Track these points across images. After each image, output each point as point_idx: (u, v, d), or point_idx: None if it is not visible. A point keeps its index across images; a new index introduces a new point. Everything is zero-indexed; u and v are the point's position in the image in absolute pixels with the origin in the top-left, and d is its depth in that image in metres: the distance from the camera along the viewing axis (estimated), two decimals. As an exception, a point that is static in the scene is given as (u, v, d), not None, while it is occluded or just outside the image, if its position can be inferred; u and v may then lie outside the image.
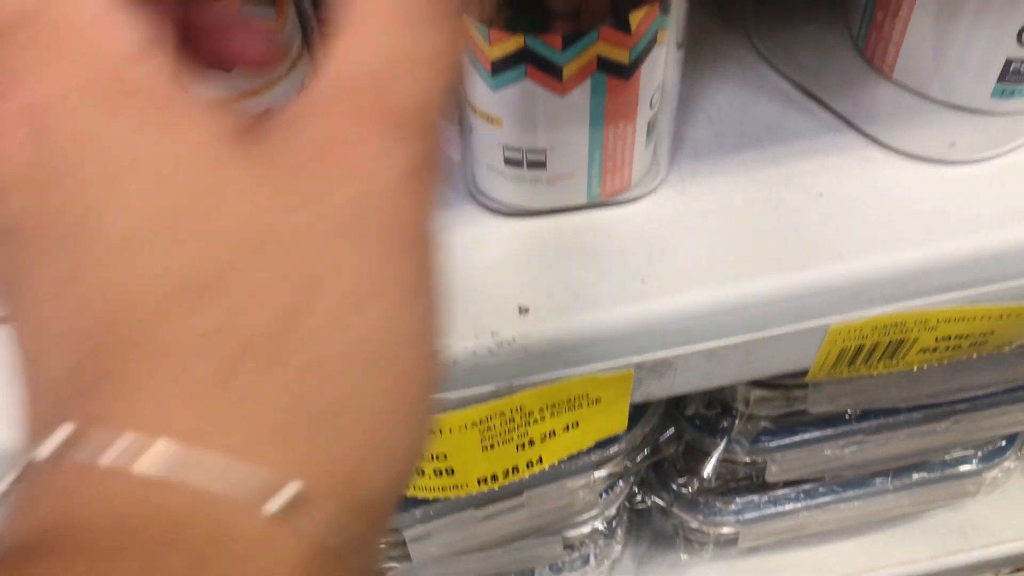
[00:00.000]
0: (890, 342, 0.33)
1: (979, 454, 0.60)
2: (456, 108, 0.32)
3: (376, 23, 0.16)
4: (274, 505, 0.14)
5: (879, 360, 0.34)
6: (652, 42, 0.29)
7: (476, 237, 0.34)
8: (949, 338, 0.34)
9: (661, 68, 0.31)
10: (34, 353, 0.15)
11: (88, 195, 0.14)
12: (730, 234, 0.33)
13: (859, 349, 0.33)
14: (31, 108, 0.15)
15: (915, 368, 0.35)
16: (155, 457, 0.13)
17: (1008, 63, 0.34)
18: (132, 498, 0.13)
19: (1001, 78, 0.34)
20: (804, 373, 0.36)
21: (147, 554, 0.13)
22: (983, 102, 0.35)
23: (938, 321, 0.33)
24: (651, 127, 0.32)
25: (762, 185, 0.34)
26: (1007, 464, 0.61)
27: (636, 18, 0.28)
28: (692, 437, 0.49)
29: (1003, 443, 0.61)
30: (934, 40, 0.35)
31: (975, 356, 0.36)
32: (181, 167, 0.15)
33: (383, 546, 0.14)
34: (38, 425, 0.15)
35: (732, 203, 0.34)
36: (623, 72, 0.29)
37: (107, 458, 0.13)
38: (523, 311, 0.32)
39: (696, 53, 0.39)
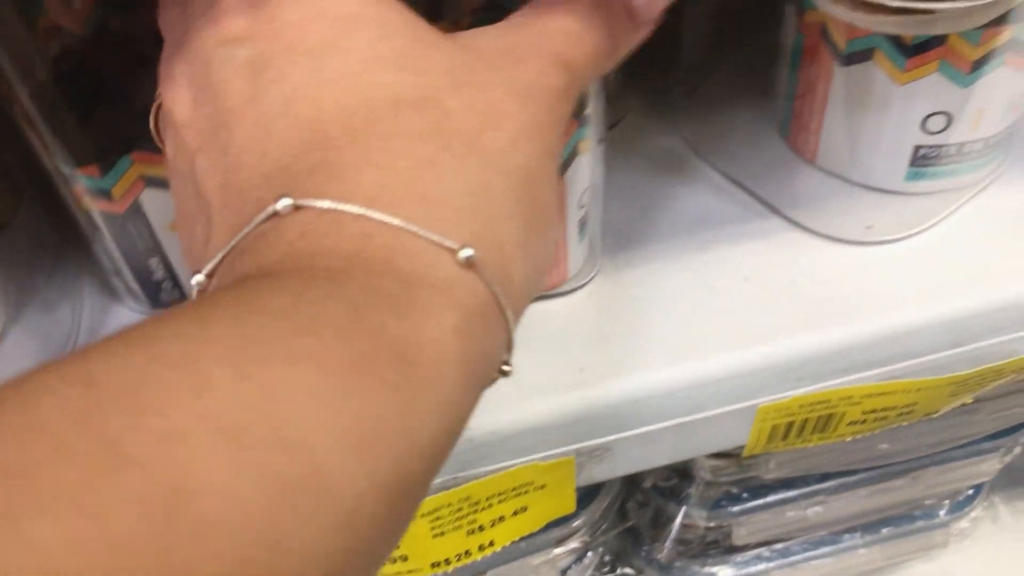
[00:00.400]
0: (819, 417, 0.35)
1: (947, 504, 0.61)
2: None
3: (565, 7, 0.21)
4: (462, 256, 0.18)
5: (812, 434, 0.36)
6: (574, 153, 0.31)
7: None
8: (875, 411, 0.35)
9: (588, 173, 0.33)
10: (247, 161, 0.19)
11: (325, 34, 0.19)
12: (662, 320, 0.35)
13: (790, 425, 0.35)
14: None
15: (849, 439, 0.37)
16: (372, 214, 0.18)
17: (917, 148, 0.36)
18: (354, 239, 0.17)
19: (912, 162, 0.36)
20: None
21: (368, 276, 0.17)
22: (898, 184, 0.37)
23: (861, 397, 0.34)
24: (583, 224, 0.34)
25: (692, 271, 0.36)
26: (974, 514, 0.62)
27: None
28: (657, 504, 0.51)
29: (971, 491, 0.62)
30: (848, 129, 0.37)
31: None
32: (403, 24, 0.20)
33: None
34: (254, 205, 0.18)
35: (664, 289, 0.36)
36: (547, 180, 0.31)
37: (334, 208, 0.18)
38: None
39: (630, 146, 0.41)
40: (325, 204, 0.18)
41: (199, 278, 0.19)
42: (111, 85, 0.31)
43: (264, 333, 0.15)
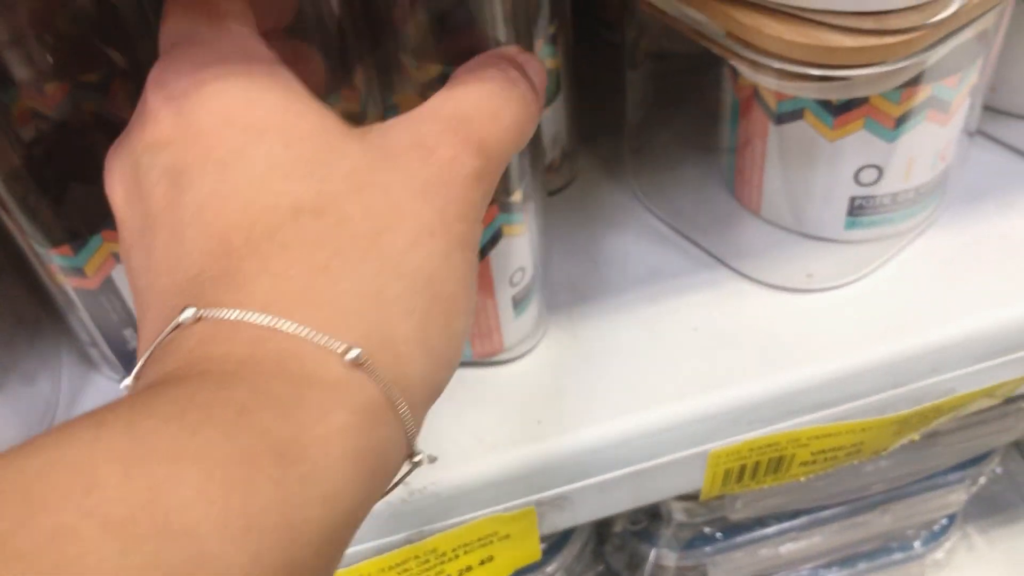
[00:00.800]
0: (770, 460, 0.36)
1: (922, 535, 0.63)
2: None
3: (480, 86, 0.22)
4: (348, 357, 0.19)
5: (765, 475, 0.37)
6: (498, 235, 0.32)
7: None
8: (824, 451, 0.37)
9: (525, 252, 0.34)
10: (165, 267, 0.20)
11: (234, 143, 0.20)
12: (616, 371, 0.37)
13: (742, 468, 0.37)
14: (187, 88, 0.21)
15: (803, 479, 0.38)
16: (264, 320, 0.19)
17: (853, 199, 0.38)
18: (248, 344, 0.19)
19: (849, 212, 0.38)
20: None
21: (258, 379, 0.18)
22: (837, 233, 0.39)
23: (809, 439, 0.36)
24: (518, 300, 0.35)
25: (643, 323, 0.38)
26: (949, 544, 0.64)
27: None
28: (631, 547, 0.52)
29: (945, 521, 0.63)
30: (787, 182, 0.39)
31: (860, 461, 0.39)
32: (310, 131, 0.21)
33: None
34: (170, 312, 0.20)
35: (617, 342, 0.38)
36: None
37: (229, 317, 0.19)
38: (431, 459, 0.35)
39: (582, 203, 0.43)
40: (222, 314, 0.19)
41: (127, 382, 0.20)
42: (82, 166, 0.32)
43: (153, 436, 0.16)
